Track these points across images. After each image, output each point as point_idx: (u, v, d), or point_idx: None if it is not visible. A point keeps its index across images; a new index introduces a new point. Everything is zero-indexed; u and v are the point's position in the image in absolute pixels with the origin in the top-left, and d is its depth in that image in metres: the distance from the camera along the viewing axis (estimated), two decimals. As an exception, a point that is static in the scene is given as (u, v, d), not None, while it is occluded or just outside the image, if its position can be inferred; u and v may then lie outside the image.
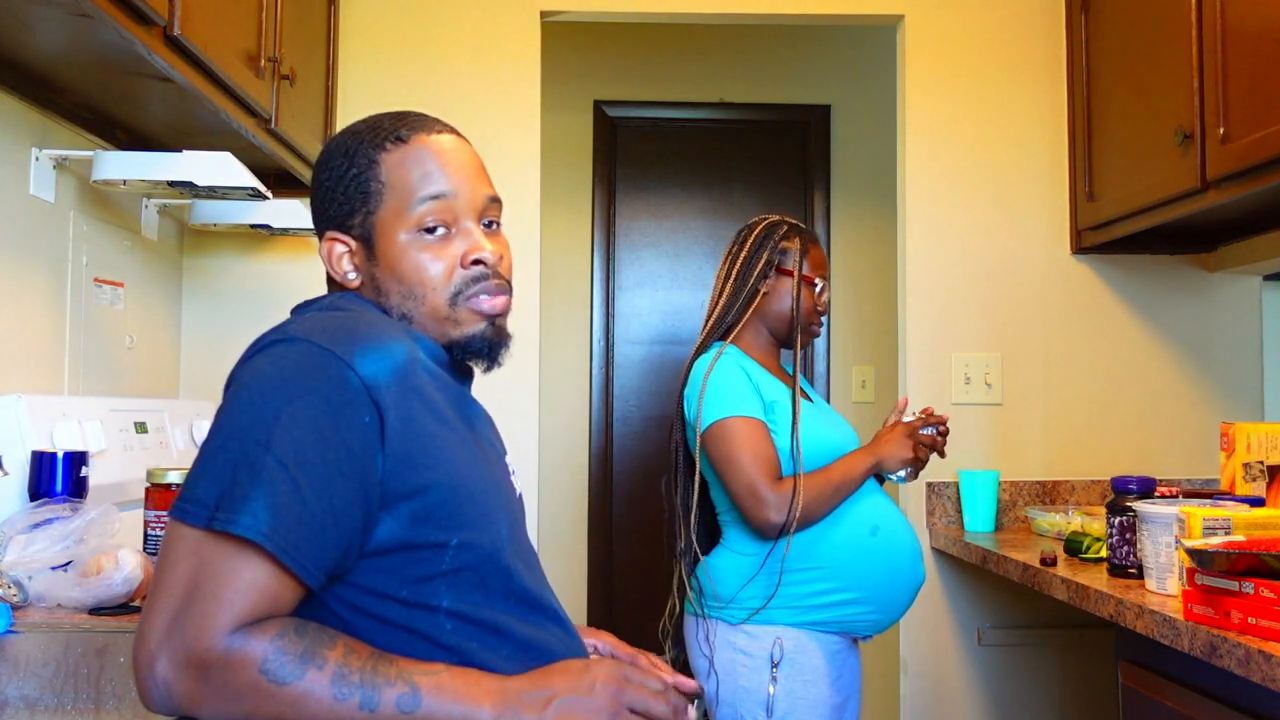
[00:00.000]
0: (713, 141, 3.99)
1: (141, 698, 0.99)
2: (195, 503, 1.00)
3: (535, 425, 2.79)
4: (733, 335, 2.10)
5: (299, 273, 2.78)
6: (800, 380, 2.10)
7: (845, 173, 3.95)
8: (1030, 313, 2.84)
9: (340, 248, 1.20)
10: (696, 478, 2.04)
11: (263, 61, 2.09)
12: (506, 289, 1.21)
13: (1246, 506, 1.72)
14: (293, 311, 1.22)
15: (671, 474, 2.10)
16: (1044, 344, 2.84)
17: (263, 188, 2.05)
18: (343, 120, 2.77)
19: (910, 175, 2.86)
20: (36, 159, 1.97)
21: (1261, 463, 2.03)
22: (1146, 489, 1.94)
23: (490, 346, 1.20)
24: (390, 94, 2.80)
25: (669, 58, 3.94)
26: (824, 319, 2.20)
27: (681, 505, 2.07)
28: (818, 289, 2.11)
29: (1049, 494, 2.80)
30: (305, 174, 2.55)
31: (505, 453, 1.25)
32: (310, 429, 1.01)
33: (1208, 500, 1.83)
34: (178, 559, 0.99)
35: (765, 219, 2.16)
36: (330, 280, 1.24)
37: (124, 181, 2.00)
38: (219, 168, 2.00)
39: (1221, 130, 2.09)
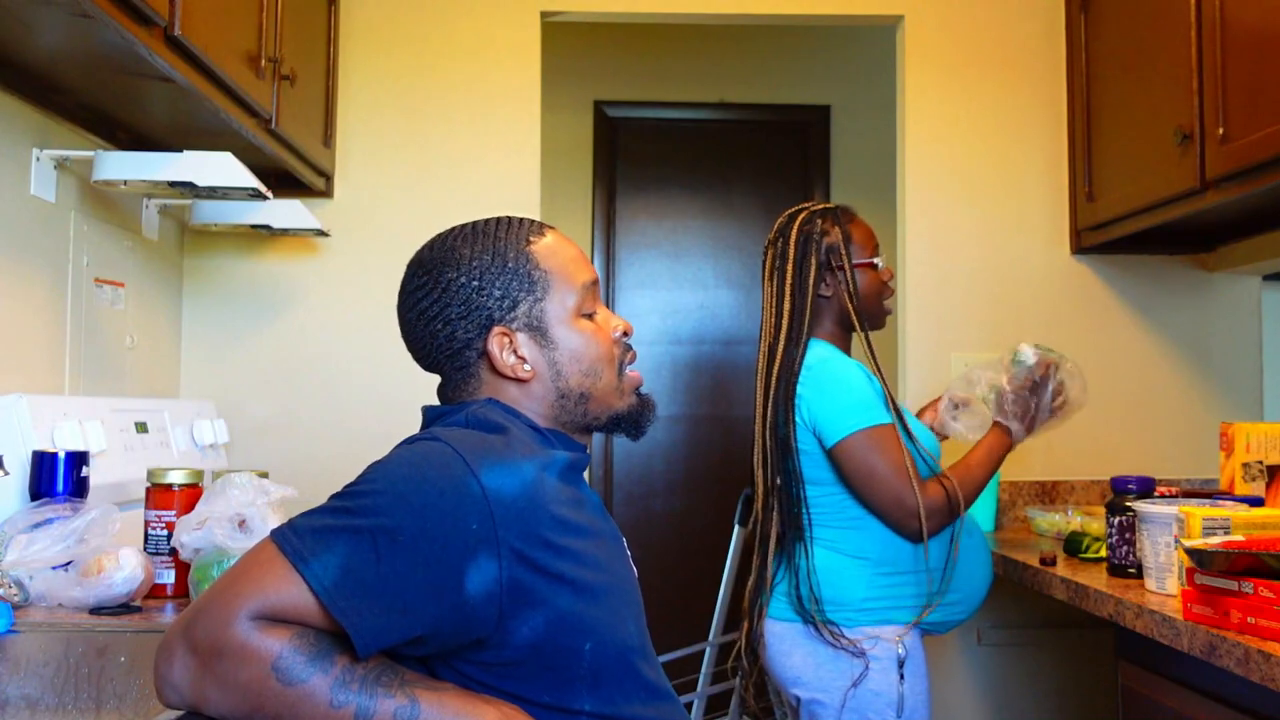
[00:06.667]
0: (713, 141, 3.99)
1: (156, 684, 1.02)
2: (292, 529, 1.04)
3: (535, 425, 2.79)
4: (816, 334, 2.04)
5: (299, 273, 2.78)
6: None
7: (845, 173, 3.95)
8: (1030, 313, 2.84)
9: (507, 340, 1.22)
10: (798, 481, 1.97)
11: (263, 62, 2.09)
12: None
13: (1246, 506, 1.72)
14: (426, 411, 1.25)
15: (768, 485, 2.01)
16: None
17: (263, 188, 2.05)
18: (343, 120, 2.77)
19: (910, 175, 2.86)
20: (37, 159, 1.97)
21: (1261, 462, 2.04)
22: (1146, 489, 1.94)
23: (645, 415, 1.29)
24: (390, 94, 2.80)
25: (669, 58, 3.94)
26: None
27: (790, 514, 1.98)
28: (878, 265, 2.05)
29: (1049, 494, 2.81)
30: (305, 174, 2.56)
31: (621, 536, 1.28)
32: (415, 516, 1.03)
33: (1207, 500, 1.83)
34: (243, 561, 1.03)
35: (795, 215, 2.07)
36: (436, 356, 1.24)
37: (124, 181, 2.00)
38: (219, 168, 2.00)
39: (1221, 130, 2.10)
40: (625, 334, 1.28)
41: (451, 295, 1.21)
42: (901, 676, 1.91)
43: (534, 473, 1.11)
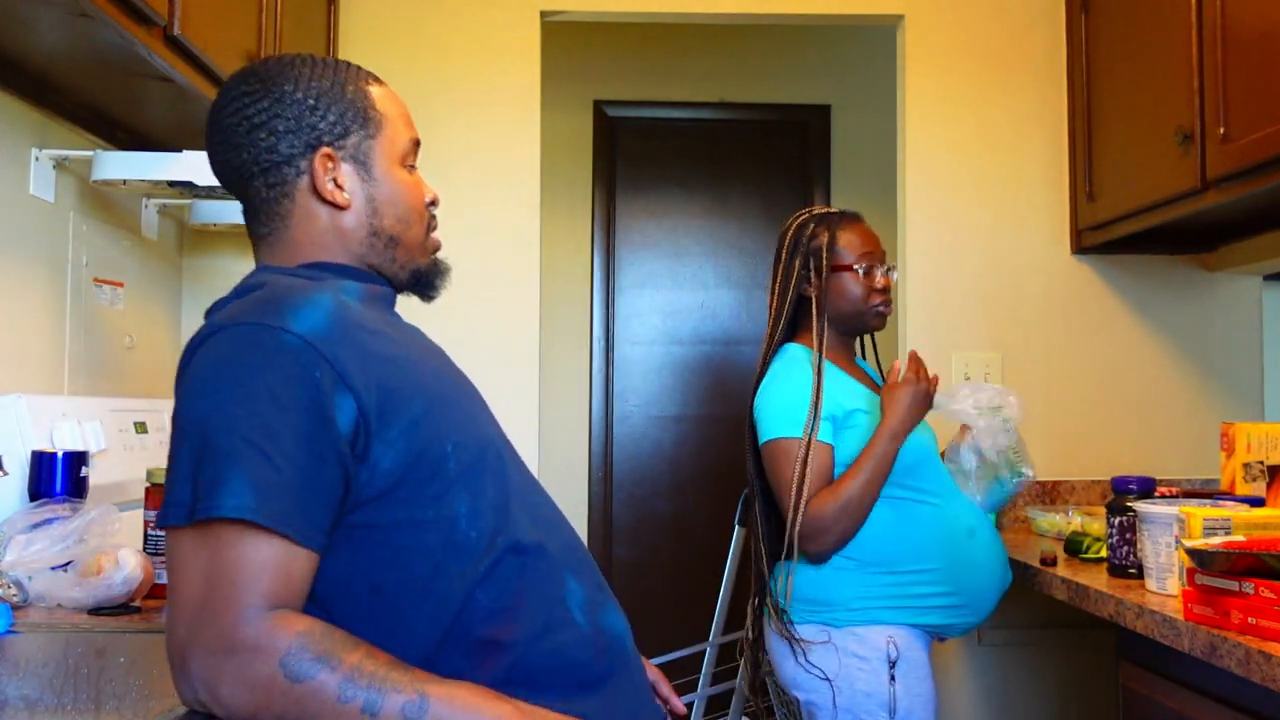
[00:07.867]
0: (712, 141, 3.99)
1: (180, 698, 1.01)
2: (174, 505, 1.01)
3: (535, 426, 2.79)
4: (796, 338, 2.09)
5: (299, 273, 2.78)
6: (873, 376, 2.16)
7: (845, 173, 3.95)
8: (1030, 312, 2.84)
9: (331, 164, 1.21)
10: (751, 482, 2.06)
11: (263, 61, 2.09)
12: None
13: (1246, 506, 1.71)
14: (207, 313, 1.22)
15: (751, 487, 2.09)
16: (1044, 344, 2.84)
17: (263, 188, 2.05)
18: (343, 120, 2.76)
19: (910, 175, 2.86)
20: (36, 159, 1.97)
21: (1261, 463, 2.03)
22: (1146, 489, 1.94)
23: (440, 275, 1.31)
24: (390, 94, 2.80)
25: (669, 58, 3.94)
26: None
27: (758, 514, 2.06)
28: (862, 270, 2.05)
29: (1049, 494, 2.80)
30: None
31: (447, 355, 1.31)
32: (265, 400, 1.02)
33: (1208, 500, 1.83)
34: (183, 562, 1.01)
35: (797, 218, 2.11)
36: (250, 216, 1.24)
37: (124, 181, 2.00)
38: (219, 168, 2.00)
39: (1221, 130, 2.09)
40: (433, 203, 1.30)
41: (284, 107, 1.19)
42: (892, 677, 1.90)
43: (331, 299, 1.11)
